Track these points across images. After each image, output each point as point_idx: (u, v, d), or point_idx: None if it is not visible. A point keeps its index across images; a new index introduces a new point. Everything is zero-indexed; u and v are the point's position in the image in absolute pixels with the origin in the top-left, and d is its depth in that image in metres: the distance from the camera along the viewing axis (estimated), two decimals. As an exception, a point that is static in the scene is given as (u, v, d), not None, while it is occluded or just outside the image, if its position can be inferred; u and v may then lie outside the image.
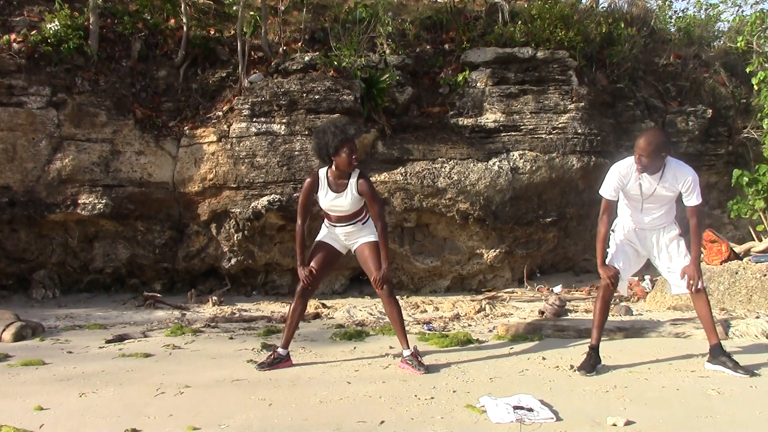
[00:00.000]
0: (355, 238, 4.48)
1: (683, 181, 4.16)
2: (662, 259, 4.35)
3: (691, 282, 4.15)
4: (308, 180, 4.41)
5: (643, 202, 4.22)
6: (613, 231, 4.42)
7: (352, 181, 4.30)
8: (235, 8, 8.51)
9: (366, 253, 4.41)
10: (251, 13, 8.32)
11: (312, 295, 4.58)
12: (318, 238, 4.58)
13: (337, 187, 4.33)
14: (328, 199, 4.36)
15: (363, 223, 4.46)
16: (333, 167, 4.32)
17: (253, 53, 8.01)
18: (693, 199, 4.17)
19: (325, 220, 4.56)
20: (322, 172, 4.38)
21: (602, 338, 4.37)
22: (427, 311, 6.74)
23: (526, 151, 7.79)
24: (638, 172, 4.13)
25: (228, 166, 7.28)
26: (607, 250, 4.34)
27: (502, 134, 7.87)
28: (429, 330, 5.65)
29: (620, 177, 4.22)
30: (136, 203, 7.34)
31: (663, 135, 4.27)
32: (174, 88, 7.87)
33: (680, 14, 11.31)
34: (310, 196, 4.41)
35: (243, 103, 7.40)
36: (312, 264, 4.43)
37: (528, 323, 5.49)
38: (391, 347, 4.86)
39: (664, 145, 4.08)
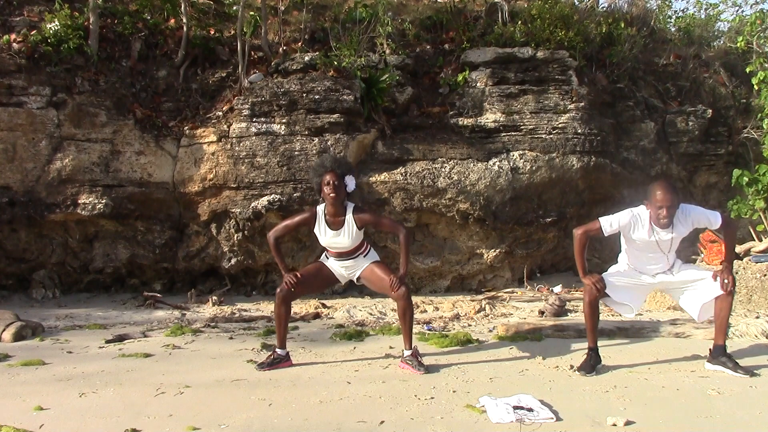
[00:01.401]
0: (354, 270, 4.48)
1: (693, 221, 4.15)
2: (680, 288, 4.31)
3: (725, 281, 4.11)
4: (305, 214, 4.41)
5: (667, 255, 4.21)
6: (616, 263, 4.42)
7: (349, 217, 4.28)
8: (235, 8, 8.52)
9: (375, 271, 4.39)
10: (251, 13, 8.32)
11: (294, 300, 4.53)
12: (320, 260, 4.60)
13: (334, 224, 4.31)
14: (327, 237, 4.35)
15: (364, 256, 4.46)
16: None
17: (253, 53, 8.01)
18: (713, 223, 4.17)
19: (325, 253, 4.55)
20: (320, 209, 4.37)
21: (602, 338, 4.37)
22: (427, 311, 6.74)
23: (526, 151, 7.79)
24: (665, 226, 4.05)
25: (228, 166, 7.28)
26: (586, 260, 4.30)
27: (502, 134, 7.87)
28: (429, 330, 5.65)
29: (630, 222, 4.15)
30: (136, 203, 7.34)
31: (674, 186, 4.22)
32: (174, 88, 7.87)
33: (680, 14, 11.33)
34: (299, 227, 4.44)
35: (243, 103, 7.40)
36: (301, 270, 4.43)
37: (528, 323, 5.49)
38: (391, 347, 4.86)
39: (678, 194, 4.09)
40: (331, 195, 4.21)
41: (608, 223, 4.18)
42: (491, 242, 7.81)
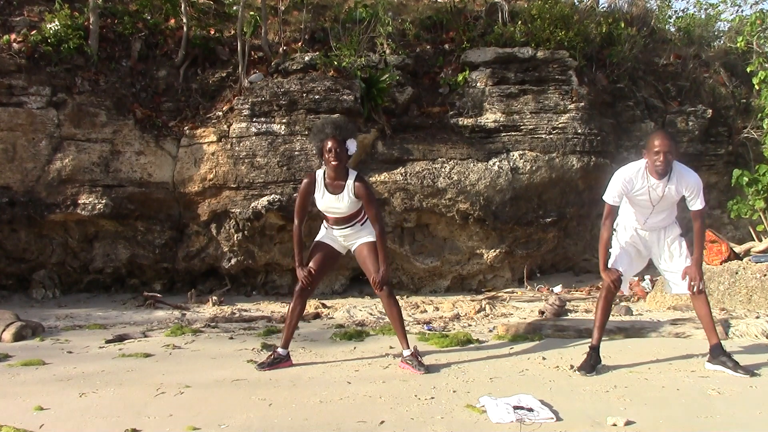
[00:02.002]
0: (353, 239, 4.46)
1: (688, 186, 4.17)
2: (663, 259, 4.37)
3: (692, 283, 4.16)
4: (305, 181, 4.39)
5: (653, 207, 4.22)
6: (614, 231, 4.42)
7: (349, 182, 4.27)
8: (235, 8, 8.51)
9: (365, 253, 4.40)
10: (251, 13, 8.32)
11: (311, 295, 4.57)
12: (317, 239, 4.57)
13: (334, 188, 4.30)
14: (325, 201, 4.35)
15: (361, 225, 4.44)
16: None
17: (253, 53, 8.01)
18: (697, 204, 4.19)
19: (324, 222, 4.55)
20: (320, 173, 4.36)
21: (602, 338, 4.37)
22: (427, 311, 6.74)
23: (526, 151, 7.79)
24: (661, 174, 4.09)
25: (228, 166, 7.28)
26: (609, 250, 4.35)
27: (502, 134, 7.87)
28: (429, 330, 5.65)
29: (625, 183, 4.22)
30: (136, 203, 7.34)
31: (673, 136, 4.29)
32: (174, 88, 7.87)
33: (680, 14, 11.32)
34: (307, 197, 4.39)
35: (243, 103, 7.40)
36: (311, 264, 4.41)
37: (528, 323, 5.49)
38: (391, 347, 4.86)
39: (677, 145, 4.12)
40: (332, 162, 4.21)
41: (611, 198, 4.29)
42: (491, 242, 7.81)
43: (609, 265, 4.29)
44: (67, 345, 5.12)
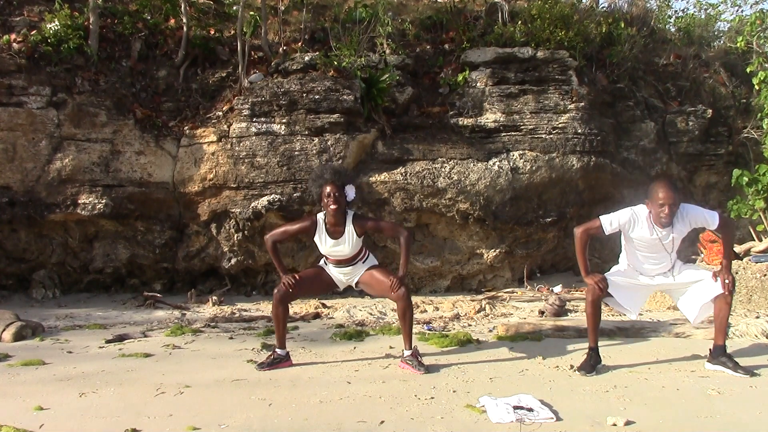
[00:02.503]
0: (355, 274, 4.49)
1: (694, 221, 4.14)
2: (680, 289, 4.31)
3: (726, 282, 4.11)
4: (305, 222, 4.42)
5: (671, 254, 4.20)
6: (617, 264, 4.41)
7: (349, 227, 4.30)
8: (235, 8, 8.52)
9: (373, 275, 4.41)
10: (251, 13, 8.32)
11: (291, 301, 4.52)
12: (320, 264, 4.61)
13: (334, 233, 4.32)
14: (327, 246, 4.37)
15: (363, 262, 4.48)
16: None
17: (253, 53, 8.01)
18: (711, 223, 4.16)
19: (324, 260, 4.55)
20: (320, 217, 4.38)
21: (602, 338, 4.37)
22: (427, 311, 6.74)
23: (526, 151, 7.79)
24: (666, 224, 4.05)
25: (228, 166, 7.28)
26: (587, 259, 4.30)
27: (502, 134, 7.87)
28: (429, 330, 5.65)
29: (630, 220, 4.14)
30: (136, 203, 7.34)
31: (676, 184, 4.22)
32: (174, 88, 7.87)
33: (680, 14, 11.32)
34: (298, 234, 4.47)
35: (243, 103, 7.40)
36: (300, 273, 4.43)
37: (528, 323, 5.48)
38: (391, 347, 4.86)
39: (680, 193, 4.09)
40: (332, 207, 4.23)
41: (608, 222, 4.18)
42: (491, 242, 7.81)
43: (610, 276, 4.26)
44: (67, 345, 5.12)
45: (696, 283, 4.26)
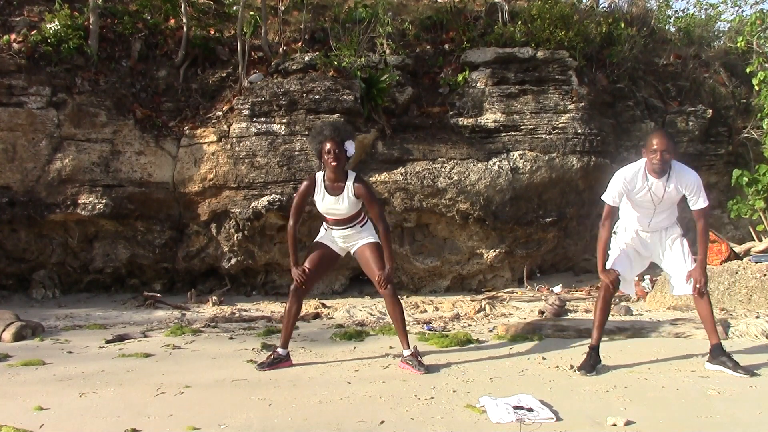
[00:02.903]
0: (354, 241, 4.47)
1: (688, 185, 4.17)
2: (666, 260, 4.37)
3: (698, 285, 4.15)
4: (305, 183, 4.42)
5: (655, 208, 4.22)
6: (614, 233, 4.42)
7: (349, 184, 4.29)
8: (235, 8, 8.51)
9: (367, 254, 4.40)
10: (251, 13, 8.32)
11: (306, 295, 4.56)
12: (316, 239, 4.58)
13: (334, 190, 4.32)
14: (325, 203, 4.36)
15: (362, 226, 4.45)
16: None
17: (253, 53, 8.01)
18: (699, 202, 4.18)
19: (324, 223, 4.55)
20: (319, 175, 4.38)
21: (602, 338, 4.37)
22: (427, 311, 6.74)
23: (526, 151, 7.79)
24: (658, 172, 4.11)
25: (228, 166, 7.28)
26: (608, 252, 4.34)
27: (502, 134, 7.87)
28: (429, 330, 5.65)
29: (625, 183, 4.22)
30: (136, 203, 7.34)
31: (671, 135, 4.29)
32: (174, 88, 7.87)
33: (680, 14, 11.33)
34: (305, 198, 4.41)
35: (243, 103, 7.40)
36: (307, 263, 4.43)
37: (528, 323, 5.49)
38: (391, 347, 4.86)
39: (676, 144, 4.13)
40: (332, 164, 4.23)
41: (611, 198, 4.30)
42: (491, 242, 7.81)
43: (608, 266, 4.29)
44: (67, 345, 5.12)
45: (678, 268, 4.30)
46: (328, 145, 4.23)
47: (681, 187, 4.17)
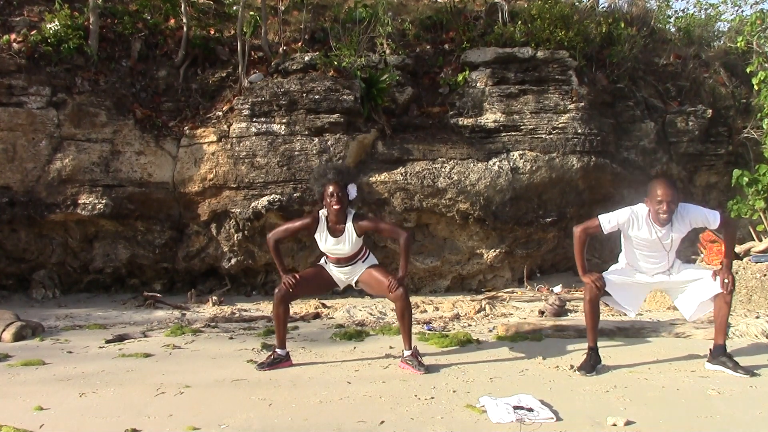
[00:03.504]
0: (355, 274, 4.50)
1: (693, 220, 4.15)
2: (683, 290, 4.32)
3: (726, 281, 4.11)
4: (306, 220, 4.42)
5: (668, 252, 4.20)
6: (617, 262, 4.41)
7: (349, 225, 4.30)
8: (235, 8, 8.52)
9: (372, 274, 4.42)
10: (251, 13, 8.32)
11: (292, 301, 4.54)
12: (320, 263, 4.61)
13: (335, 232, 4.33)
14: (328, 244, 4.38)
15: (363, 261, 4.48)
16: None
17: (253, 53, 8.01)
18: (711, 221, 4.15)
19: (324, 258, 4.56)
20: (322, 214, 4.38)
21: (602, 338, 4.37)
22: (427, 311, 6.74)
23: (526, 151, 7.79)
24: (663, 223, 4.06)
25: (228, 166, 7.28)
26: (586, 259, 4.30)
27: (502, 134, 7.87)
28: (429, 330, 5.64)
29: (629, 219, 4.15)
30: (136, 203, 7.34)
31: (674, 183, 4.23)
32: (174, 88, 7.87)
33: (680, 14, 11.33)
34: (300, 231, 4.46)
35: (243, 103, 7.40)
36: (301, 272, 4.44)
37: (528, 323, 5.48)
38: (391, 347, 4.86)
39: (678, 192, 4.10)
40: (335, 207, 4.24)
41: (607, 221, 4.19)
42: (491, 242, 7.81)
43: (607, 276, 4.26)
44: (67, 345, 5.12)
45: (695, 281, 4.27)
46: (330, 189, 4.23)
47: (685, 229, 4.15)
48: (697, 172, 9.03)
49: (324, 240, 4.37)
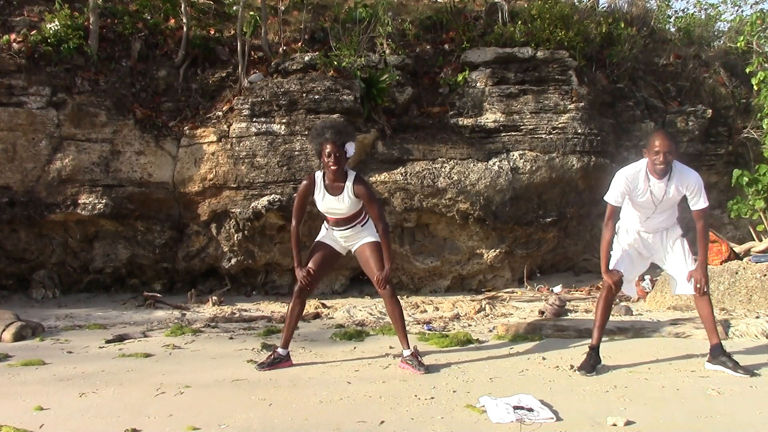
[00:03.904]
0: (354, 240, 4.47)
1: (689, 185, 4.17)
2: (667, 260, 4.37)
3: (698, 285, 4.15)
4: (304, 182, 4.42)
5: (656, 208, 4.22)
6: (616, 234, 4.41)
7: (348, 184, 4.29)
8: (235, 8, 8.52)
9: (367, 253, 4.41)
10: (251, 13, 8.33)
11: (310, 295, 4.58)
12: (317, 239, 4.58)
13: (333, 190, 4.32)
14: (325, 203, 4.36)
15: (362, 225, 4.45)
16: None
17: (253, 53, 8.01)
18: (700, 203, 4.18)
19: (325, 222, 4.56)
20: (319, 174, 4.38)
21: (602, 338, 4.37)
22: (427, 311, 6.74)
23: (526, 151, 7.79)
24: (660, 174, 4.10)
25: (228, 166, 7.28)
26: (611, 252, 4.34)
27: (502, 134, 7.87)
28: (429, 330, 5.65)
29: (627, 183, 4.20)
30: (136, 203, 7.34)
31: (673, 136, 4.28)
32: (174, 88, 7.87)
33: (680, 14, 11.33)
34: (305, 198, 4.41)
35: (243, 103, 7.40)
36: (310, 264, 4.43)
37: (528, 323, 5.49)
38: (391, 347, 4.86)
39: (677, 145, 4.12)
40: (332, 167, 4.23)
41: (613, 198, 4.24)
42: (491, 242, 7.81)
43: (610, 267, 4.29)
44: (67, 345, 5.12)
45: (679, 268, 4.31)
46: (328, 148, 4.23)
47: (682, 188, 4.17)
48: (697, 172, 9.00)
49: (322, 198, 4.35)
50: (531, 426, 3.20)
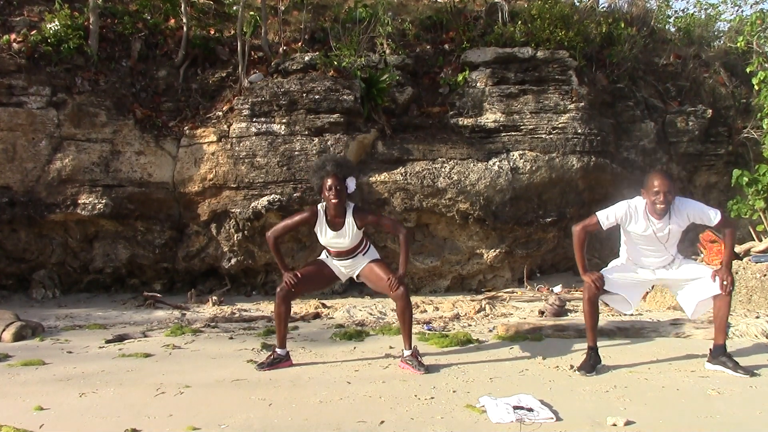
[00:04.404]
0: (356, 267, 4.49)
1: (691, 214, 4.14)
2: (683, 287, 4.31)
3: (725, 283, 4.11)
4: (305, 213, 4.40)
5: (665, 246, 4.19)
6: (623, 263, 4.40)
7: (349, 219, 4.29)
8: (235, 8, 8.52)
9: (374, 270, 4.41)
10: (251, 13, 8.33)
11: (294, 299, 4.54)
12: (320, 258, 4.60)
13: (335, 225, 4.32)
14: (327, 237, 4.36)
15: (363, 254, 4.47)
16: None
17: (253, 53, 8.01)
18: (712, 217, 4.14)
19: (325, 251, 4.55)
20: (321, 207, 4.37)
21: (602, 338, 4.37)
22: (427, 311, 6.74)
23: (526, 151, 7.79)
24: (661, 214, 4.07)
25: (228, 166, 7.28)
26: (585, 255, 4.29)
27: (502, 134, 7.87)
28: (429, 330, 5.64)
29: (627, 213, 4.15)
30: (136, 203, 7.34)
31: (671, 175, 4.23)
32: (174, 88, 7.87)
33: (680, 14, 11.32)
34: (301, 226, 4.43)
35: (243, 103, 7.40)
36: (300, 270, 4.44)
37: (528, 323, 5.48)
38: (391, 347, 4.86)
39: (675, 184, 4.09)
40: (333, 201, 4.22)
41: (605, 216, 4.20)
42: (491, 242, 7.81)
43: (613, 291, 4.25)
44: (67, 345, 5.12)
45: (695, 279, 4.26)
46: (329, 181, 4.22)
47: (683, 223, 4.15)
48: (697, 172, 9.03)
49: (324, 233, 4.36)
50: (531, 426, 3.20)
